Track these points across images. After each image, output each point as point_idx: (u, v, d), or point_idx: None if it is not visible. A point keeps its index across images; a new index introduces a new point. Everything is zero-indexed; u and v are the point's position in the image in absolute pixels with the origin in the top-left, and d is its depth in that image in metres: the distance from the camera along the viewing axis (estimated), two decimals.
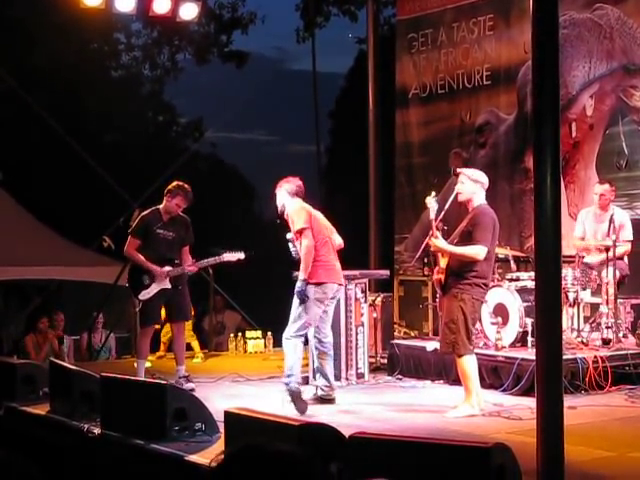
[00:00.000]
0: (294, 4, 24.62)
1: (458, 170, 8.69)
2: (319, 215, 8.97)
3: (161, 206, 9.91)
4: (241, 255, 9.88)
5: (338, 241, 8.99)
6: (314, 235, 8.64)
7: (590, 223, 10.63)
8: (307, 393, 8.86)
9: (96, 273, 16.25)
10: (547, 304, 5.68)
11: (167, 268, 9.69)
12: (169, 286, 9.71)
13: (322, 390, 8.86)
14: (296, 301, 8.61)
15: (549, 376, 5.64)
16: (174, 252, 9.82)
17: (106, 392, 7.87)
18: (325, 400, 8.79)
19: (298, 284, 8.56)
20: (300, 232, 8.60)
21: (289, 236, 8.87)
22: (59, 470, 7.62)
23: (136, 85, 27.07)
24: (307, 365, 9.48)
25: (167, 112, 28.63)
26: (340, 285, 8.97)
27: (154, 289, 9.71)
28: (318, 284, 8.66)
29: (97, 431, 7.72)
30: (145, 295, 9.73)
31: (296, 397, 8.44)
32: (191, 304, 10.19)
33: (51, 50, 21.16)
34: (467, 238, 8.27)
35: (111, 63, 26.42)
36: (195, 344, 12.42)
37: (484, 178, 8.57)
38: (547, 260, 5.63)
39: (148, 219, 9.90)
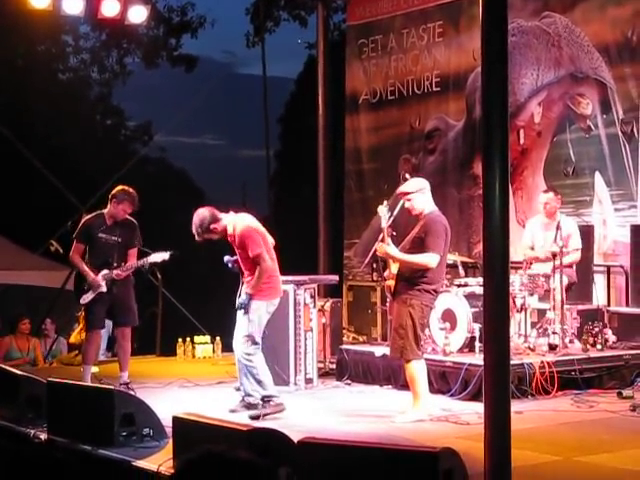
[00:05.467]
0: (244, 8, 24.62)
1: (398, 192, 8.68)
2: (255, 223, 8.76)
3: (106, 210, 9.84)
4: (165, 256, 9.83)
5: (272, 240, 8.88)
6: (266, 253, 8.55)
7: (538, 232, 10.71)
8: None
9: (43, 277, 16.11)
10: (495, 310, 5.70)
11: (102, 273, 9.64)
12: (105, 289, 9.66)
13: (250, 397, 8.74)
14: (244, 317, 8.48)
15: (496, 381, 5.66)
16: (116, 254, 9.75)
17: (53, 397, 7.81)
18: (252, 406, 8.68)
19: (243, 297, 8.46)
20: (258, 256, 8.49)
21: (227, 259, 8.75)
22: (4, 476, 7.55)
23: (84, 88, 26.90)
24: None
25: (115, 115, 28.50)
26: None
27: (92, 294, 9.68)
28: (271, 299, 8.65)
29: (43, 436, 7.66)
30: (84, 299, 9.71)
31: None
32: (134, 308, 10.07)
33: None
34: (419, 245, 8.28)
35: (59, 66, 26.23)
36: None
37: (412, 184, 8.58)
38: (495, 266, 5.65)
39: (90, 223, 9.84)
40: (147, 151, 25.18)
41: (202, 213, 8.57)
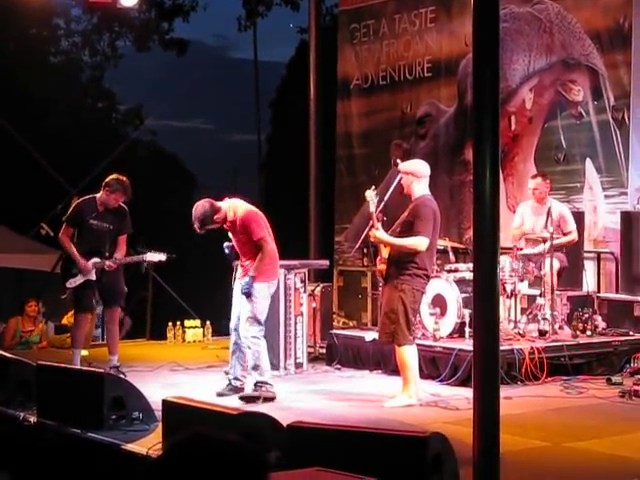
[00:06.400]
0: None
1: (398, 168, 8.72)
2: (253, 207, 8.82)
3: (98, 196, 9.79)
4: (162, 257, 9.82)
5: None
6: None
7: (529, 216, 10.72)
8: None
9: (33, 261, 16.09)
10: (485, 296, 5.72)
11: (93, 260, 9.59)
12: (94, 278, 9.63)
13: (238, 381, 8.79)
14: (247, 300, 8.47)
15: (486, 367, 5.67)
16: (107, 243, 9.70)
17: (42, 380, 7.81)
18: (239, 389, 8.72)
19: (247, 279, 8.46)
20: (262, 239, 8.51)
21: (227, 245, 8.74)
22: None
23: (76, 71, 26.82)
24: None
25: (107, 99, 28.41)
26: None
27: (80, 279, 9.65)
28: (271, 280, 8.68)
29: (33, 420, 7.66)
30: (71, 283, 9.67)
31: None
32: (123, 290, 10.04)
33: None
34: (408, 229, 8.30)
35: (50, 49, 26.15)
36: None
37: (418, 167, 8.58)
38: (485, 252, 5.66)
39: (82, 208, 9.79)
40: (138, 135, 25.11)
41: (202, 206, 8.49)
